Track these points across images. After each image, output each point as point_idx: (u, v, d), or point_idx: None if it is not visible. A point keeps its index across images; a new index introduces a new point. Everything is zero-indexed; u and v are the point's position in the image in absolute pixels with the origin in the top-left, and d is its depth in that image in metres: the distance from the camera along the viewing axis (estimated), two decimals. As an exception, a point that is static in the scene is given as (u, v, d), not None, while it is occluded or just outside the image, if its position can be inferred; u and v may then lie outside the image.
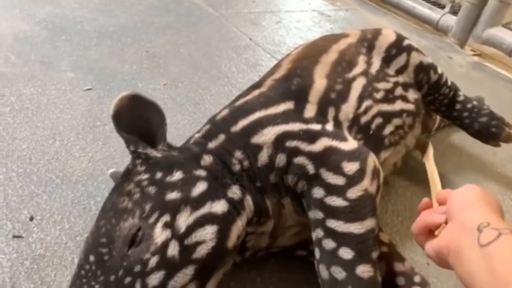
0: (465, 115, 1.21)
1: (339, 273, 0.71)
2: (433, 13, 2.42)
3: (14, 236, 0.92)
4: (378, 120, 0.98)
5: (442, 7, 2.44)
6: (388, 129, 0.99)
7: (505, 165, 1.39)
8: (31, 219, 0.96)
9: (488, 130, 1.19)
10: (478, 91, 1.61)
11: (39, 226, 0.95)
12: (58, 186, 1.06)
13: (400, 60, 1.10)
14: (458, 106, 1.22)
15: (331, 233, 0.74)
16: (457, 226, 0.64)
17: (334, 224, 0.74)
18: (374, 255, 0.74)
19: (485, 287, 0.55)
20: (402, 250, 0.98)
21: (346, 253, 0.72)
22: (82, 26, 1.87)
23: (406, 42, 1.13)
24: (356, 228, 0.74)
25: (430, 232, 0.71)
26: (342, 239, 0.73)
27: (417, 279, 0.83)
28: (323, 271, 0.74)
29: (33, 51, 1.62)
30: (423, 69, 1.13)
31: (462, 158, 1.40)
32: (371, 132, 0.96)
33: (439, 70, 1.18)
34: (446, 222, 0.68)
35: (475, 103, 1.24)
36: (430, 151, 1.13)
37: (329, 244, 0.74)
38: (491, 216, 0.61)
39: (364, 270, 0.71)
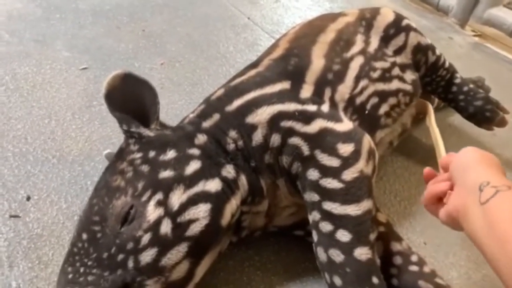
0: (460, 98, 1.21)
1: (337, 256, 0.72)
2: (434, -8, 2.38)
3: (11, 216, 0.93)
4: (374, 100, 0.97)
5: (443, -14, 2.40)
6: (383, 109, 0.99)
7: (503, 146, 1.38)
8: (28, 198, 0.97)
9: (483, 114, 1.19)
10: (478, 72, 1.59)
11: (36, 205, 0.96)
12: (55, 166, 1.06)
13: (398, 40, 1.09)
14: (454, 89, 1.22)
15: (327, 216, 0.74)
16: (462, 188, 0.66)
17: (330, 206, 0.74)
18: (372, 236, 0.75)
19: (485, 242, 0.58)
20: (400, 230, 0.99)
21: (343, 236, 0.73)
22: (76, 4, 1.85)
23: (404, 22, 1.11)
24: (352, 210, 0.74)
25: (439, 200, 0.73)
26: (339, 221, 0.74)
27: (414, 258, 0.83)
28: (321, 254, 0.74)
29: (28, 29, 1.60)
30: (421, 50, 1.12)
31: (461, 138, 1.39)
32: (367, 112, 0.95)
33: (437, 52, 1.17)
34: (451, 189, 0.70)
35: (471, 86, 1.23)
36: (431, 113, 1.14)
37: (326, 226, 0.74)
38: (491, 175, 0.63)
39: (362, 253, 0.72)
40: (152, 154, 0.75)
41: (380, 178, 1.16)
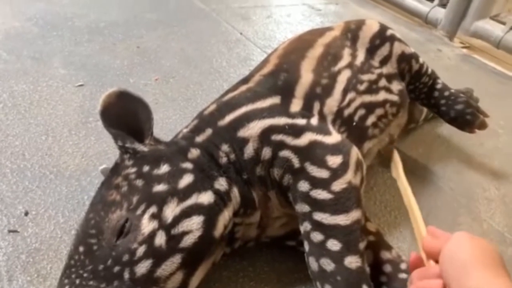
0: (442, 103, 1.25)
1: (328, 265, 0.73)
2: (422, 6, 2.44)
3: (10, 231, 0.94)
4: (361, 112, 1.00)
5: (431, 0, 2.46)
6: (370, 120, 1.01)
7: (491, 155, 1.41)
8: (26, 214, 0.98)
9: (463, 118, 1.23)
10: (466, 83, 1.63)
11: (34, 220, 0.97)
12: (52, 182, 1.08)
13: (384, 50, 1.12)
14: (435, 94, 1.25)
15: (318, 226, 0.76)
16: None
17: (321, 216, 0.76)
18: (361, 245, 0.76)
19: None
20: (390, 239, 1.01)
21: (333, 245, 0.74)
22: (73, 22, 1.88)
23: (389, 32, 1.15)
24: (342, 220, 0.75)
25: None
26: (329, 231, 0.75)
27: (403, 266, 0.85)
28: (313, 263, 0.76)
29: (25, 47, 1.63)
30: (405, 59, 1.15)
31: (450, 148, 1.42)
32: (354, 123, 0.98)
33: (421, 60, 1.20)
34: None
35: (452, 91, 1.27)
36: (399, 162, 1.05)
37: (317, 236, 0.76)
38: (497, 284, 0.53)
39: (352, 261, 0.73)
40: (146, 168, 0.77)
41: (371, 188, 1.18)
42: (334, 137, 0.85)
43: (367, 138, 1.01)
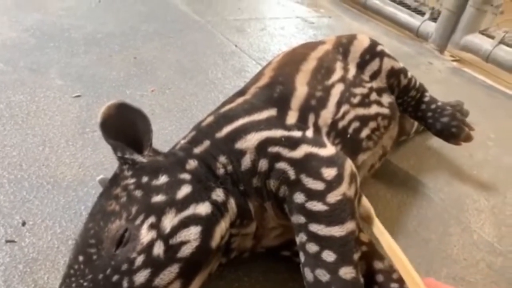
0: (428, 115, 1.29)
1: (323, 276, 0.74)
2: (413, 20, 2.49)
3: (7, 241, 0.94)
4: (355, 124, 1.02)
5: (422, 14, 2.51)
6: (364, 132, 1.04)
7: (480, 167, 1.44)
8: (23, 224, 0.99)
9: (449, 130, 1.27)
10: (456, 96, 1.66)
11: (31, 231, 0.98)
12: (49, 192, 1.08)
13: (374, 65, 1.16)
14: (423, 107, 1.29)
15: (313, 237, 0.77)
16: None
17: (316, 228, 0.77)
18: (356, 256, 0.77)
19: None
20: (382, 250, 1.03)
21: (329, 256, 0.75)
22: (69, 33, 1.89)
23: (379, 48, 1.18)
24: (336, 231, 0.77)
25: None
26: (324, 242, 0.76)
27: (395, 276, 0.87)
28: (308, 274, 0.77)
29: (22, 58, 1.64)
30: (394, 74, 1.19)
31: (440, 160, 1.45)
32: (349, 136, 1.00)
33: (409, 74, 1.24)
34: None
35: (439, 103, 1.30)
36: (370, 208, 0.94)
37: (312, 248, 0.77)
38: None
39: (346, 272, 0.74)
40: (145, 179, 0.78)
41: (363, 199, 1.20)
42: (329, 149, 0.87)
43: (361, 150, 1.03)
